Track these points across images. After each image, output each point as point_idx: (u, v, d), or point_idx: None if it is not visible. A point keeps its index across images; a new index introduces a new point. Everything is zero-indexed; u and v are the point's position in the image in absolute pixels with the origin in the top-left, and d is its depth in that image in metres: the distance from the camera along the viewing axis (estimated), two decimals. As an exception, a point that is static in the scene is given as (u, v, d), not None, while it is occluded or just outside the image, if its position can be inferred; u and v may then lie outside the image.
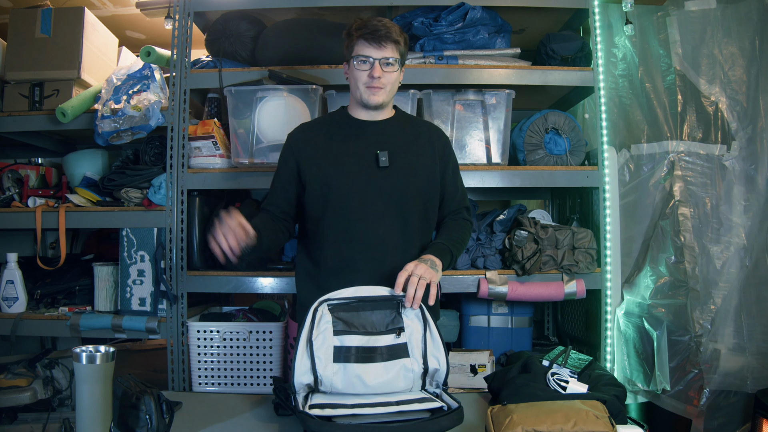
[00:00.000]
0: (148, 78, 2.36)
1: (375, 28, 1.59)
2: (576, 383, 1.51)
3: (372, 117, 1.71)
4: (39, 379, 2.30)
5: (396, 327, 1.48)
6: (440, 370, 1.48)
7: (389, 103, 1.72)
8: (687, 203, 2.27)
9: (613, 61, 2.48)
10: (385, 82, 1.62)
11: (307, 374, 1.43)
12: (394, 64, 1.62)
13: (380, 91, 1.63)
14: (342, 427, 1.28)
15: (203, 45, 2.54)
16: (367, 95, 1.64)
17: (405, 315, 1.50)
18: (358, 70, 1.62)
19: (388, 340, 1.47)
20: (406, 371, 1.45)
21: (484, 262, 2.28)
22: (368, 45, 1.59)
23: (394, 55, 1.61)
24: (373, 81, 1.61)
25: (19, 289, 2.35)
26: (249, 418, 1.56)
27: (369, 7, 2.41)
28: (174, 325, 2.23)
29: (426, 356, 1.47)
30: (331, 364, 1.43)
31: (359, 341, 1.46)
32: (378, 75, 1.60)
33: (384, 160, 1.63)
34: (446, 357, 1.49)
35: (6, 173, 2.55)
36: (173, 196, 2.25)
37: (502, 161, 2.31)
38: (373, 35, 1.59)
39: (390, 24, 1.62)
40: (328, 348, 1.44)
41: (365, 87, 1.63)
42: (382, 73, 1.60)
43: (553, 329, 2.85)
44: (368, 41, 1.59)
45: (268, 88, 2.22)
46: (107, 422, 1.31)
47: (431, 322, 1.50)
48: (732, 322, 2.19)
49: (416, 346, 1.48)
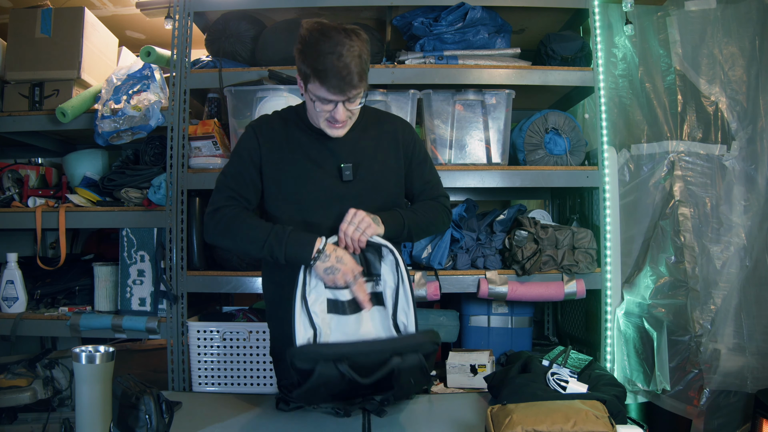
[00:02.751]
0: (148, 78, 2.36)
1: (336, 75, 1.38)
2: (576, 383, 1.51)
3: None
4: (39, 379, 2.30)
5: (375, 274, 1.52)
6: (408, 327, 1.48)
7: None
8: (687, 203, 2.27)
9: (613, 61, 2.48)
10: (349, 116, 1.51)
11: (308, 329, 1.44)
12: (358, 97, 1.48)
13: (344, 126, 1.53)
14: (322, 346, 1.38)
15: (203, 45, 2.54)
16: (329, 130, 1.52)
17: (384, 263, 1.52)
18: (319, 109, 1.47)
19: (370, 287, 1.51)
20: (383, 318, 1.50)
21: (484, 262, 2.28)
22: (330, 93, 1.43)
23: (358, 92, 1.46)
24: (336, 123, 1.50)
25: (19, 289, 2.35)
26: (249, 417, 1.57)
27: (369, 7, 2.41)
28: (174, 325, 2.23)
29: (396, 310, 1.49)
30: (326, 314, 1.48)
31: (349, 294, 1.49)
32: (341, 119, 1.48)
33: (348, 174, 1.56)
34: (415, 317, 1.49)
35: (6, 173, 2.55)
36: (173, 196, 2.25)
37: (502, 161, 2.31)
38: (337, 86, 1.41)
39: (350, 58, 1.39)
40: (322, 302, 1.48)
41: (327, 121, 1.51)
42: (344, 115, 1.48)
43: (553, 329, 2.85)
44: (330, 91, 1.42)
45: (268, 88, 2.22)
46: (107, 422, 1.31)
47: (405, 277, 1.49)
48: (732, 322, 2.19)
49: (389, 296, 1.51)
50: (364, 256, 1.53)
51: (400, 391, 1.46)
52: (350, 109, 1.50)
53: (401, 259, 1.50)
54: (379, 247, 1.51)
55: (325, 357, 1.31)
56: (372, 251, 1.52)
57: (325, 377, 1.30)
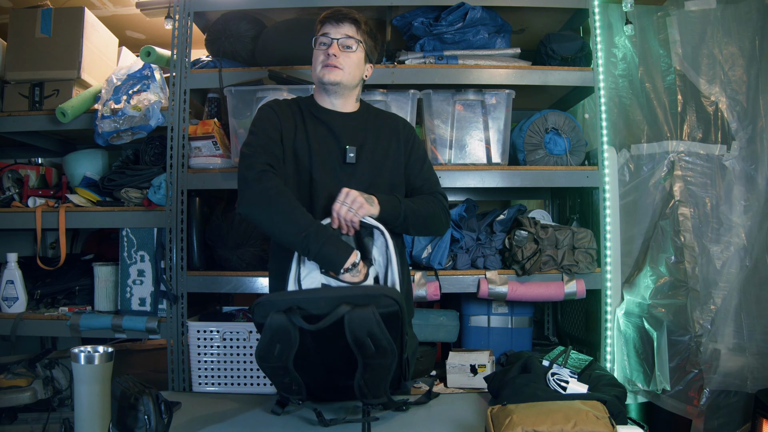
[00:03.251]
0: (148, 78, 2.36)
1: (336, 10, 1.64)
2: (576, 383, 1.51)
3: (335, 107, 1.68)
4: (39, 379, 2.30)
5: (366, 257, 1.52)
6: None
7: (350, 91, 1.68)
8: (687, 203, 2.27)
9: (613, 61, 2.48)
10: (342, 63, 1.61)
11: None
12: (353, 45, 1.62)
13: (336, 71, 1.61)
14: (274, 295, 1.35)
15: (203, 45, 2.54)
16: (323, 73, 1.61)
17: (375, 246, 1.53)
18: (317, 50, 1.63)
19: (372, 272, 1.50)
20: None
21: (484, 262, 2.28)
22: (328, 25, 1.62)
23: (353, 34, 1.61)
24: (329, 58, 1.60)
25: (19, 289, 2.35)
26: (249, 418, 1.56)
27: (369, 7, 2.41)
28: (174, 325, 2.23)
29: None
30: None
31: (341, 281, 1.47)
32: (334, 53, 1.60)
33: (351, 156, 1.61)
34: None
35: (6, 173, 2.55)
36: (173, 196, 2.25)
37: (502, 161, 2.31)
38: (334, 15, 1.62)
39: (353, 11, 1.65)
40: (316, 283, 1.48)
41: (322, 66, 1.62)
42: (338, 52, 1.60)
43: (553, 329, 2.85)
44: (328, 21, 1.63)
45: (268, 88, 2.22)
46: (106, 422, 1.31)
47: (394, 260, 1.49)
48: (732, 322, 2.19)
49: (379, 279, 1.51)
50: (360, 239, 1.53)
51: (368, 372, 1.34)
52: (343, 51, 1.61)
53: (391, 242, 1.50)
54: (371, 229, 1.51)
55: (277, 307, 1.29)
56: (367, 235, 1.52)
57: (276, 326, 1.28)
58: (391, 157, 1.68)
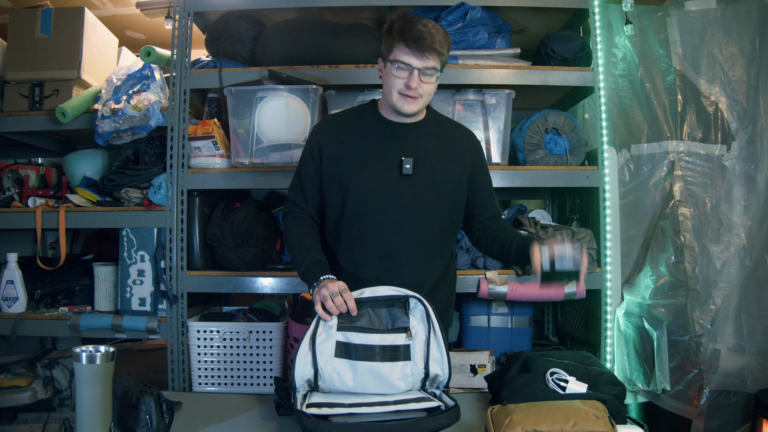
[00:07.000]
0: (148, 78, 2.36)
1: (419, 36, 1.47)
2: (575, 383, 1.51)
3: (402, 120, 1.63)
4: (39, 379, 2.30)
5: (402, 327, 1.46)
6: (441, 376, 1.46)
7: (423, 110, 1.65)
8: (687, 203, 2.27)
9: (613, 61, 2.48)
10: (421, 92, 1.54)
11: (308, 367, 1.42)
12: (434, 74, 1.53)
13: (415, 101, 1.55)
14: (337, 426, 1.27)
15: (203, 45, 2.54)
16: (401, 104, 1.55)
17: (412, 315, 1.47)
18: (395, 76, 1.52)
19: (392, 339, 1.45)
20: (406, 373, 1.44)
21: (484, 262, 2.28)
22: (410, 53, 1.49)
23: (435, 65, 1.51)
24: (408, 90, 1.52)
25: (19, 289, 2.35)
26: (249, 418, 1.56)
27: (369, 7, 2.41)
28: (174, 325, 2.23)
29: (428, 361, 1.46)
30: (332, 358, 1.43)
31: (363, 339, 1.44)
32: (415, 86, 1.51)
33: (408, 168, 1.57)
34: (449, 363, 1.47)
35: (6, 173, 2.55)
36: (173, 196, 2.25)
37: (502, 161, 2.31)
38: (417, 44, 1.47)
39: (434, 30, 1.50)
40: (331, 343, 1.44)
41: (399, 94, 1.54)
42: (419, 83, 1.52)
43: (553, 329, 2.85)
44: (410, 48, 1.48)
45: (268, 88, 2.22)
46: (107, 422, 1.31)
47: (437, 326, 1.46)
48: (732, 322, 2.19)
49: (418, 349, 1.46)
50: (387, 312, 1.48)
51: None
52: (423, 81, 1.52)
53: (431, 307, 1.47)
54: (406, 299, 1.48)
55: None
56: (398, 305, 1.48)
57: None
58: (452, 173, 1.63)
